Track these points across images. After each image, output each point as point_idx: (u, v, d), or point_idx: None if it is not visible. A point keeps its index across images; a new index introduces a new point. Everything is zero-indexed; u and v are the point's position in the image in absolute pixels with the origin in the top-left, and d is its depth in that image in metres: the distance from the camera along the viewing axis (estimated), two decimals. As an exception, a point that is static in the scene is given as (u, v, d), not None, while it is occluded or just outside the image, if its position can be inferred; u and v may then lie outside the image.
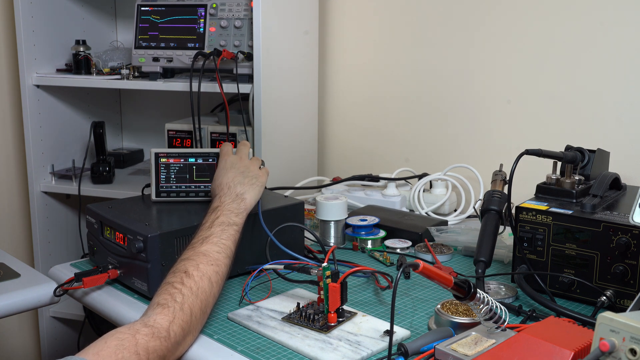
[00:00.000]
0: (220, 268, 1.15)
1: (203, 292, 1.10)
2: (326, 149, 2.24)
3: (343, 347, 1.06)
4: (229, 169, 1.34)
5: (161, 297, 1.07)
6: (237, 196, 1.29)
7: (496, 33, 1.83)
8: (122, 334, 0.97)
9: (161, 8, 2.03)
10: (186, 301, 1.07)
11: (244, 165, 1.36)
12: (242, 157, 1.38)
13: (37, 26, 2.17)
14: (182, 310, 1.05)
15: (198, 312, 1.08)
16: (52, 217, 2.29)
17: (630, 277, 1.15)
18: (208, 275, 1.12)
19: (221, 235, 1.19)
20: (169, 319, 1.03)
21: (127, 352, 0.94)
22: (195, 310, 1.08)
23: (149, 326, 1.00)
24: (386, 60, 2.07)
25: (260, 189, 1.33)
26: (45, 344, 2.32)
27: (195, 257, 1.14)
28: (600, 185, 1.29)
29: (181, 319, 1.04)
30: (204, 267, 1.13)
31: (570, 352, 0.89)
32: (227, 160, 1.37)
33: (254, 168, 1.36)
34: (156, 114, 2.50)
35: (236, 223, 1.24)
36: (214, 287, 1.13)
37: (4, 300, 1.38)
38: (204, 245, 1.16)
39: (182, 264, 1.13)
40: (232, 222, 1.23)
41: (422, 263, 0.90)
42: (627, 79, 1.63)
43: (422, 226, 1.59)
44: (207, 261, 1.14)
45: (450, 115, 1.95)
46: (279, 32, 1.94)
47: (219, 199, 1.28)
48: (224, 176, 1.33)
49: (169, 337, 1.01)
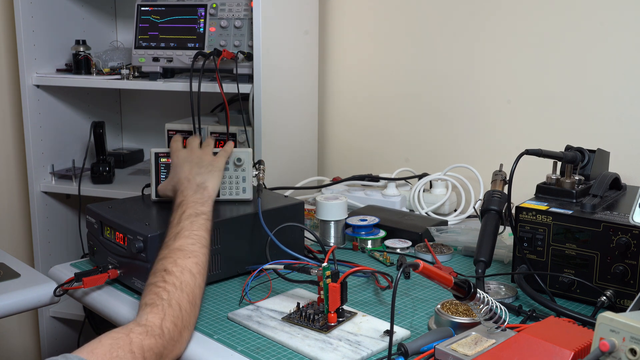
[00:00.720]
0: (199, 258, 1.16)
1: (187, 286, 1.11)
2: (326, 149, 2.24)
3: (343, 347, 1.06)
4: (183, 163, 1.35)
5: (147, 297, 1.08)
6: (198, 187, 1.29)
7: (496, 34, 1.83)
8: (117, 333, 0.98)
9: (161, 8, 2.03)
10: (173, 297, 1.07)
11: (197, 156, 1.36)
12: (192, 149, 1.39)
13: (37, 26, 2.17)
14: (170, 307, 1.06)
15: (187, 305, 1.09)
16: (52, 217, 2.29)
17: (630, 277, 1.15)
18: (188, 268, 1.13)
19: (191, 228, 1.20)
20: (160, 317, 1.04)
21: (122, 351, 0.94)
22: (184, 304, 1.08)
23: (142, 325, 1.01)
24: (386, 60, 2.07)
25: (219, 173, 1.35)
26: (45, 344, 2.32)
27: (171, 255, 1.15)
28: (600, 185, 1.29)
29: (172, 314, 1.05)
30: (182, 261, 1.13)
31: (570, 352, 0.89)
32: (178, 155, 1.37)
33: (208, 156, 1.37)
34: (156, 114, 2.50)
35: (204, 212, 1.24)
36: (197, 278, 1.13)
37: (4, 300, 1.38)
38: (177, 241, 1.17)
39: (160, 264, 1.14)
40: (199, 212, 1.23)
41: (422, 263, 0.90)
42: (627, 79, 1.63)
43: (422, 226, 1.59)
44: (184, 255, 1.14)
45: (450, 115, 1.95)
46: (279, 32, 1.94)
47: (181, 193, 1.29)
48: (180, 172, 1.34)
49: (163, 334, 1.02)
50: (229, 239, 1.33)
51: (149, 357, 0.98)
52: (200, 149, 1.39)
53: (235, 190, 1.43)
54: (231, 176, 1.43)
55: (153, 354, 0.99)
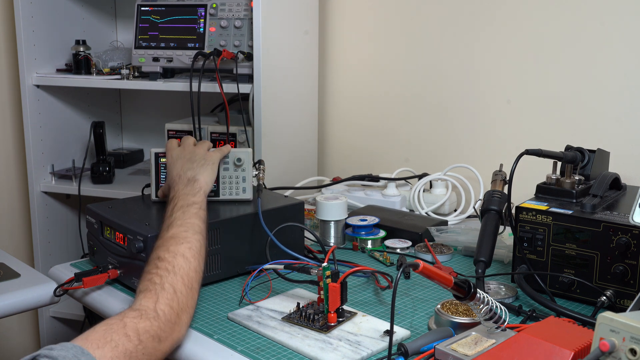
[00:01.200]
0: (192, 244, 1.16)
1: (180, 269, 1.11)
2: (326, 149, 2.24)
3: (343, 347, 1.06)
4: (176, 161, 1.35)
5: (142, 285, 1.09)
6: (189, 180, 1.30)
7: (496, 34, 1.83)
8: (111, 319, 0.99)
9: (161, 8, 2.03)
10: (165, 280, 1.08)
11: (189, 152, 1.37)
12: (185, 147, 1.39)
13: (37, 26, 2.17)
14: (163, 289, 1.06)
15: (182, 288, 1.09)
16: (52, 217, 2.29)
17: (630, 277, 1.15)
18: (181, 253, 1.13)
19: (184, 217, 1.20)
20: (153, 300, 1.04)
21: (117, 335, 0.95)
22: (178, 287, 1.08)
23: (136, 310, 1.02)
24: (386, 60, 2.07)
25: (212, 166, 1.35)
26: (45, 344, 2.31)
27: (164, 243, 1.15)
28: (600, 185, 1.29)
29: (165, 297, 1.05)
30: (174, 247, 1.14)
31: (570, 352, 0.89)
32: (172, 154, 1.38)
33: (201, 151, 1.37)
34: (156, 114, 2.50)
35: (195, 202, 1.25)
36: (192, 261, 1.14)
37: (4, 300, 1.38)
38: (170, 231, 1.18)
39: (154, 253, 1.15)
40: (190, 202, 1.24)
41: (422, 263, 0.90)
42: (628, 79, 1.63)
43: (422, 226, 1.59)
44: (176, 242, 1.15)
45: (450, 115, 1.95)
46: (279, 32, 1.94)
47: (173, 189, 1.30)
48: (173, 170, 1.34)
49: (158, 316, 1.02)
50: (229, 239, 1.33)
51: (145, 339, 0.98)
52: (193, 146, 1.39)
53: (235, 190, 1.43)
54: (231, 176, 1.43)
55: (149, 336, 0.99)
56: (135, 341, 0.96)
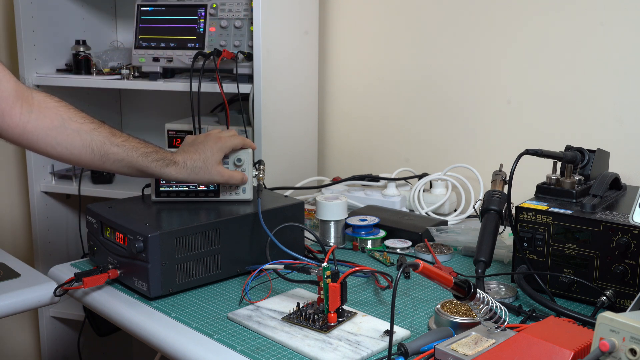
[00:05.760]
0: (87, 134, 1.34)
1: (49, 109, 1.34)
2: (326, 149, 2.24)
3: (343, 347, 1.06)
4: (196, 138, 1.40)
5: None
6: (183, 149, 1.38)
7: (496, 33, 1.83)
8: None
9: (161, 8, 2.03)
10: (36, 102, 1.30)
11: (202, 136, 1.39)
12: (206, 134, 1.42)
13: (37, 26, 2.17)
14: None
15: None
16: (52, 217, 2.29)
17: (630, 277, 1.15)
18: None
19: (137, 145, 1.35)
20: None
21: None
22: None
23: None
24: (386, 60, 2.07)
25: (214, 144, 1.37)
26: (45, 344, 2.32)
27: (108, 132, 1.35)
28: (600, 185, 1.29)
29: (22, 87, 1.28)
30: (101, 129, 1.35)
31: (570, 352, 0.89)
32: (198, 136, 1.42)
33: (208, 137, 1.39)
34: (156, 114, 2.49)
35: (157, 151, 1.34)
36: (66, 122, 1.35)
37: (4, 300, 1.38)
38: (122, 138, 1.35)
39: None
40: (154, 150, 1.34)
41: (422, 263, 0.90)
42: (627, 79, 1.63)
43: (422, 226, 1.59)
44: (110, 133, 1.34)
45: (450, 115, 1.95)
46: (279, 32, 1.94)
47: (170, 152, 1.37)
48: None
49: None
50: (229, 239, 1.33)
51: None
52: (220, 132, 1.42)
53: (235, 190, 1.43)
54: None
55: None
56: None
